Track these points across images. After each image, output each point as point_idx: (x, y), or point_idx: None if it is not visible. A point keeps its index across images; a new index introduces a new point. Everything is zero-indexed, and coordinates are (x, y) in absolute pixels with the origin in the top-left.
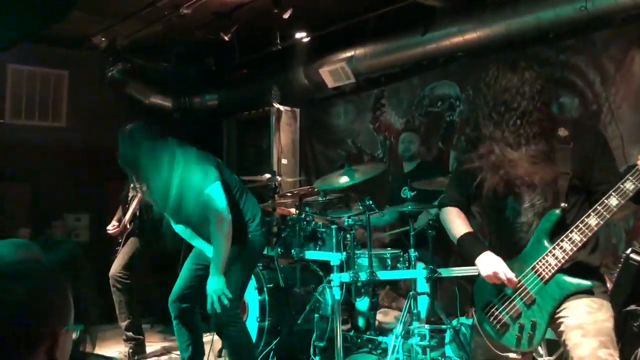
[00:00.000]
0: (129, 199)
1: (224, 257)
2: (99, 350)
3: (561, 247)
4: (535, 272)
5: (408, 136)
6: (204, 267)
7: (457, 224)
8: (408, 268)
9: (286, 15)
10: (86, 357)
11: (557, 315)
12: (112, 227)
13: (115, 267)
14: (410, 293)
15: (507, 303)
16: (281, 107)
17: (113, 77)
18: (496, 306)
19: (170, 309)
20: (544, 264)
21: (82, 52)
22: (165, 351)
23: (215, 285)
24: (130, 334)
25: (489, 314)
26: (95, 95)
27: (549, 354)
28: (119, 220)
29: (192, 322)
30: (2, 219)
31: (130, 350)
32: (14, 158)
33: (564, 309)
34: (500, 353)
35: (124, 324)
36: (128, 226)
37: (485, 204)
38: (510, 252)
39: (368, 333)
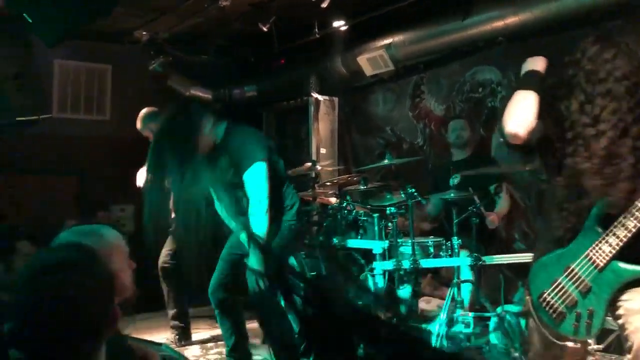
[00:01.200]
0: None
1: (263, 233)
2: (146, 337)
3: (615, 234)
4: (589, 259)
5: (459, 123)
6: (240, 256)
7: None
8: (451, 256)
9: (324, 4)
10: (135, 342)
11: (615, 299)
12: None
13: (163, 256)
14: (454, 281)
15: (562, 292)
16: (319, 97)
17: (154, 71)
18: (551, 295)
19: (210, 300)
20: (597, 252)
21: (124, 46)
22: (212, 338)
23: (254, 264)
24: (176, 322)
25: (545, 302)
26: (138, 88)
27: (598, 342)
28: None
29: (234, 310)
30: (50, 211)
31: (177, 337)
32: (60, 151)
33: (623, 293)
34: (557, 341)
35: (171, 312)
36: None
37: (548, 182)
38: (566, 237)
39: (411, 321)
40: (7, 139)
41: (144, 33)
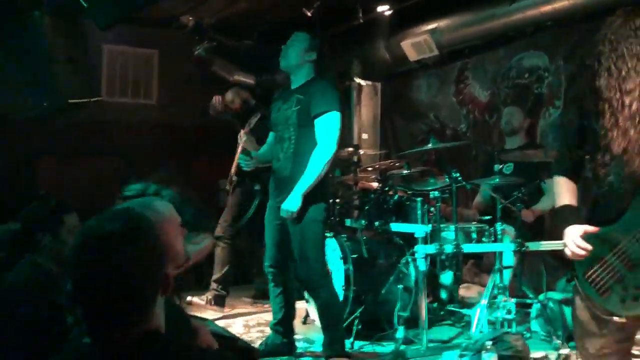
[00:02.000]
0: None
1: (312, 182)
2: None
3: None
4: (637, 240)
5: (510, 110)
6: (281, 225)
7: (560, 195)
8: (494, 242)
9: None
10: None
11: None
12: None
13: (221, 227)
14: (497, 266)
15: (607, 269)
16: (362, 82)
17: (199, 56)
18: (597, 272)
19: (266, 273)
20: None
21: (171, 31)
22: (254, 316)
23: (290, 205)
24: (215, 285)
25: (590, 278)
26: (184, 73)
27: None
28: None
29: (287, 286)
30: (96, 193)
31: (211, 299)
32: (109, 134)
33: None
34: (603, 316)
35: (215, 276)
36: (233, 178)
37: (592, 166)
38: (612, 218)
39: (452, 306)
40: (58, 121)
41: (190, 18)
